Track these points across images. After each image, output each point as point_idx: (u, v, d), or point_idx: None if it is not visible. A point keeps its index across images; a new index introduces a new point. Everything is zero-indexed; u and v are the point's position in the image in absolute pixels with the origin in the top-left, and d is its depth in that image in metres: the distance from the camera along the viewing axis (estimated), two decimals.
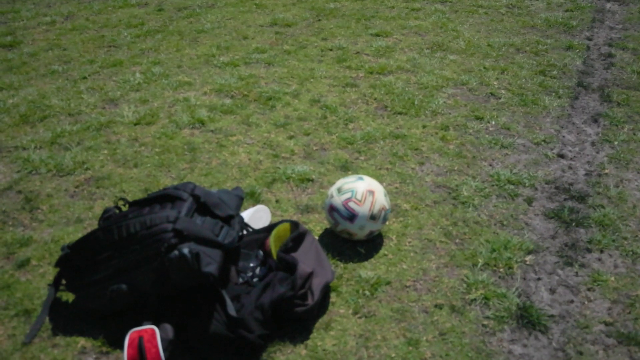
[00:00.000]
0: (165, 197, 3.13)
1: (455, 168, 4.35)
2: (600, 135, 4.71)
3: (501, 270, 3.46)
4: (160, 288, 2.94)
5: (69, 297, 3.24)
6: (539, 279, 3.41)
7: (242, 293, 3.00)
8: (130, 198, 3.92)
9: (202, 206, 3.12)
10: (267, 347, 2.93)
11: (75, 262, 3.07)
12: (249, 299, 2.96)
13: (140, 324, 2.88)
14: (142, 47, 6.44)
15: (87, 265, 3.04)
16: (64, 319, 3.13)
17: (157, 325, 2.86)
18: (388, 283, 3.34)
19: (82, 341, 3.00)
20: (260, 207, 3.82)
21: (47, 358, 2.91)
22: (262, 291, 2.98)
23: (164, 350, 2.78)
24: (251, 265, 3.21)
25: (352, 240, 3.63)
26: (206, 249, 2.85)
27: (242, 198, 3.48)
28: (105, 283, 2.96)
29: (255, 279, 3.14)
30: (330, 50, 6.27)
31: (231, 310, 2.84)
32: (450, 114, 5.05)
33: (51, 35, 6.78)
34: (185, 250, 2.77)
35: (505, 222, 3.84)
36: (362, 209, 3.47)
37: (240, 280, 3.13)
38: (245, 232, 3.41)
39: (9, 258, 3.59)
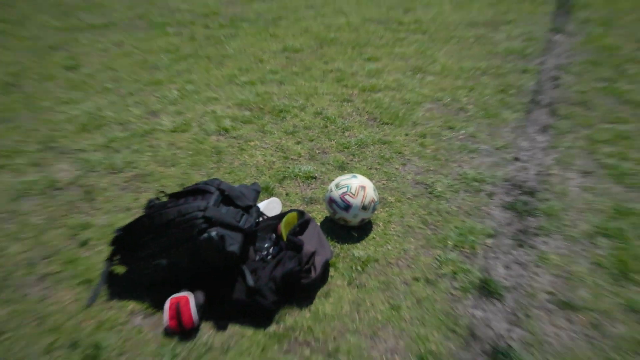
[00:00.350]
0: (197, 191, 3.22)
1: (431, 168, 4.39)
2: (548, 142, 4.74)
3: (467, 250, 3.51)
4: (193, 263, 3.02)
5: (121, 269, 3.29)
6: (496, 257, 3.45)
7: (259, 268, 3.08)
8: (168, 191, 3.96)
9: (226, 198, 3.21)
10: (279, 311, 2.99)
11: (126, 242, 3.16)
12: (264, 272, 3.04)
13: (177, 292, 2.94)
14: (177, 68, 6.44)
15: (135, 244, 3.12)
16: (117, 287, 3.19)
17: (191, 293, 2.93)
18: (376, 260, 3.40)
19: (132, 304, 3.06)
20: (273, 199, 3.87)
21: (104, 318, 2.97)
22: (275, 266, 3.06)
23: (196, 312, 2.85)
24: (266, 245, 3.26)
25: (347, 226, 3.68)
26: (229, 232, 2.95)
27: (259, 192, 3.57)
28: (150, 259, 3.05)
29: (269, 257, 3.19)
30: (331, 71, 6.28)
31: (250, 281, 2.92)
32: (427, 124, 5.07)
33: (105, 59, 6.78)
34: (213, 233, 2.88)
35: (470, 212, 3.89)
36: (356, 201, 3.52)
37: (257, 257, 3.19)
38: (261, 219, 3.46)
39: (73, 238, 3.64)
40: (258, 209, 3.46)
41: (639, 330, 2.88)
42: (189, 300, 2.89)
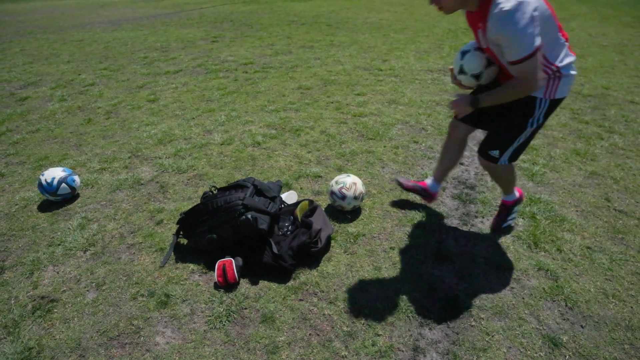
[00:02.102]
0: (237, 186, 3.29)
1: (402, 170, 4.32)
2: None
3: (427, 227, 3.45)
4: (235, 237, 3.04)
5: (184, 241, 3.26)
6: (448, 233, 3.39)
7: (281, 240, 3.08)
8: (218, 186, 3.92)
9: (258, 191, 3.28)
10: (295, 271, 2.95)
11: (187, 221, 3.17)
12: (285, 243, 3.04)
13: (223, 257, 2.95)
14: (225, 100, 6.41)
15: (194, 223, 3.14)
16: (181, 254, 3.17)
17: (233, 258, 2.92)
18: (363, 235, 3.34)
19: (191, 266, 3.04)
20: (291, 192, 3.82)
21: (173, 274, 2.98)
22: (292, 239, 3.06)
23: (237, 272, 2.84)
24: (286, 224, 3.22)
25: (343, 211, 3.61)
26: (260, 215, 3.03)
27: (281, 186, 3.61)
28: (204, 234, 3.07)
29: (288, 232, 3.15)
30: (332, 102, 6.23)
31: (275, 249, 2.95)
32: (399, 139, 5.01)
33: (175, 95, 6.75)
34: (249, 216, 2.97)
35: None
36: (350, 193, 3.46)
37: (280, 232, 3.15)
38: (282, 205, 3.43)
39: (152, 219, 3.60)
40: (281, 198, 3.50)
41: (546, 283, 2.88)
42: (232, 262, 2.89)
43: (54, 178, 3.72)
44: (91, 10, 19.69)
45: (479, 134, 4.85)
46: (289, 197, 3.73)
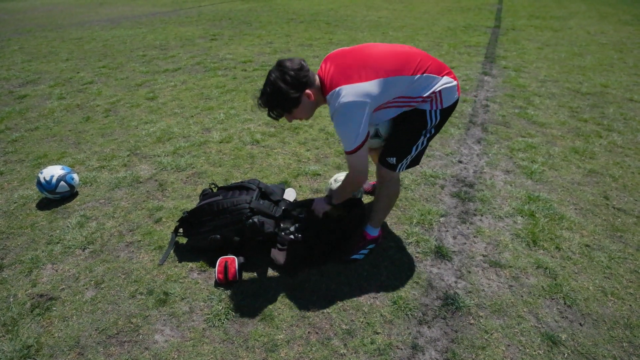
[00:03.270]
0: (243, 187, 3.31)
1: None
2: (481, 150, 4.68)
3: (426, 226, 3.44)
4: (239, 239, 3.05)
5: (183, 240, 3.26)
6: (447, 230, 3.39)
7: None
8: (218, 184, 3.92)
9: (264, 194, 3.29)
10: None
11: (190, 220, 3.17)
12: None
13: (225, 254, 2.98)
14: (224, 99, 6.40)
15: (197, 223, 3.14)
16: (180, 252, 3.16)
17: (236, 256, 2.90)
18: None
19: (190, 264, 3.04)
20: (290, 189, 3.81)
21: (171, 272, 2.97)
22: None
23: (239, 270, 2.85)
24: (290, 228, 3.23)
25: None
26: (266, 219, 3.05)
27: (284, 189, 3.65)
28: (207, 234, 3.08)
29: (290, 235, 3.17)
30: None
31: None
32: None
33: (174, 92, 6.75)
34: (255, 219, 2.97)
35: (428, 199, 3.82)
36: None
37: (283, 234, 3.15)
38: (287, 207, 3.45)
39: (150, 217, 3.59)
40: (286, 201, 3.44)
41: (545, 281, 2.88)
42: (235, 260, 2.89)
43: (52, 176, 3.72)
44: (90, 8, 19.65)
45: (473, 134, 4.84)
46: (287, 195, 3.72)
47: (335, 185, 3.53)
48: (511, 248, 3.20)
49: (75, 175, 3.88)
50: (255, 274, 2.96)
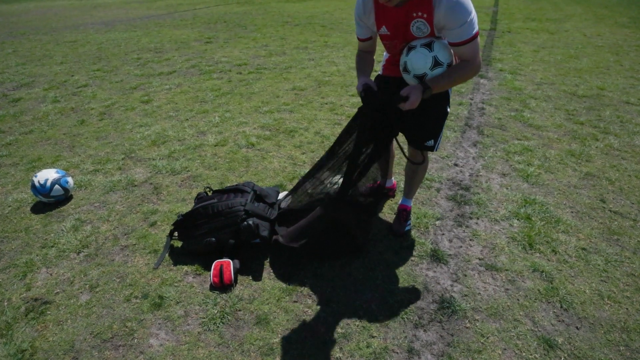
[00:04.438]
0: (237, 190, 3.34)
1: (397, 171, 4.32)
2: (477, 153, 4.70)
3: (422, 229, 3.45)
4: (234, 242, 3.07)
5: (178, 243, 3.25)
6: (442, 234, 3.40)
7: None
8: (213, 187, 3.93)
9: (258, 196, 3.33)
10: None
11: (185, 223, 3.18)
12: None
13: (220, 258, 2.99)
14: (219, 102, 6.41)
15: (192, 226, 3.16)
16: (175, 255, 3.16)
17: (231, 259, 2.92)
18: None
19: (185, 267, 3.04)
20: (285, 193, 3.81)
21: (166, 276, 2.97)
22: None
23: (234, 274, 2.86)
24: None
25: None
26: (261, 221, 3.10)
27: (279, 192, 3.65)
28: (202, 237, 3.09)
29: None
30: (326, 103, 6.24)
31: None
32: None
33: (169, 96, 6.75)
34: (251, 222, 3.03)
35: (424, 202, 3.83)
36: None
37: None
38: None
39: (145, 221, 3.59)
40: (279, 202, 3.48)
41: (541, 284, 2.88)
42: (230, 264, 2.90)
43: (47, 179, 3.71)
44: (84, 11, 19.64)
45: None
46: (282, 198, 3.72)
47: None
48: (507, 251, 3.20)
49: (69, 179, 3.88)
50: (250, 278, 2.96)
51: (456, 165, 4.49)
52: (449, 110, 3.02)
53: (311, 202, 3.22)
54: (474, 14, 2.40)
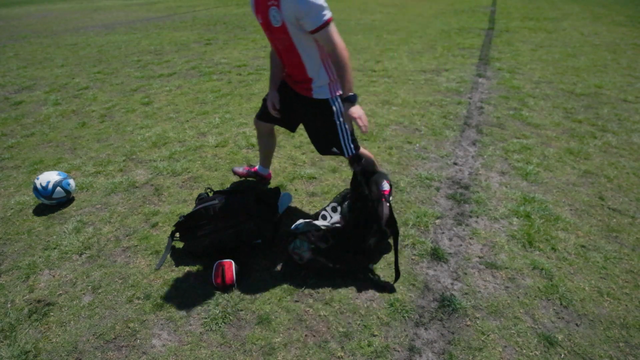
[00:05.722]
0: (238, 191, 3.41)
1: (396, 170, 4.33)
2: (476, 152, 4.70)
3: (422, 228, 3.45)
4: (236, 243, 3.09)
5: (179, 244, 3.26)
6: (442, 232, 3.40)
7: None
8: (214, 188, 3.94)
9: (259, 197, 3.30)
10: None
11: (187, 224, 3.16)
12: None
13: (222, 259, 2.97)
14: (219, 103, 6.42)
15: (194, 227, 3.14)
16: (177, 256, 3.17)
17: (233, 260, 2.93)
18: None
19: (187, 268, 3.04)
20: (285, 193, 3.81)
21: (168, 277, 2.98)
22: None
23: (236, 274, 2.88)
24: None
25: None
26: (263, 222, 3.10)
27: (279, 193, 3.58)
28: (204, 238, 3.11)
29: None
30: None
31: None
32: (393, 140, 5.03)
33: (169, 97, 6.76)
34: (252, 223, 3.03)
35: (424, 201, 3.83)
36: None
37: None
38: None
39: (147, 222, 3.60)
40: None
41: (541, 282, 2.88)
42: (232, 264, 2.90)
43: (49, 182, 3.72)
44: (85, 14, 19.65)
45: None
46: (282, 199, 3.72)
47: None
48: (507, 249, 3.20)
49: (71, 181, 3.88)
50: (252, 278, 2.96)
51: (455, 164, 4.49)
52: (337, 120, 3.07)
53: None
54: (321, 2, 2.56)
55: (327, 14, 2.60)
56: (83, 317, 2.68)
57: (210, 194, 3.40)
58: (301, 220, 3.12)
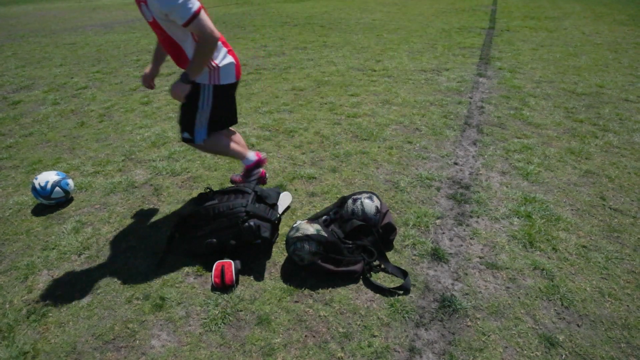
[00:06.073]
0: (238, 191, 3.32)
1: (397, 170, 4.33)
2: (477, 152, 4.70)
3: (422, 228, 3.45)
4: (236, 243, 3.07)
5: (179, 244, 3.26)
6: (443, 233, 3.39)
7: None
8: (213, 188, 3.93)
9: (259, 197, 3.29)
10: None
11: (187, 224, 3.18)
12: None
13: (221, 259, 3.01)
14: None
15: (193, 227, 3.16)
16: (176, 256, 3.17)
17: (232, 260, 2.92)
18: None
19: (186, 268, 3.04)
20: (285, 193, 3.81)
21: (167, 277, 2.97)
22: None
23: (235, 274, 2.87)
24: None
25: None
26: (263, 222, 3.08)
27: (279, 193, 3.58)
28: (203, 238, 3.09)
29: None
30: (325, 103, 6.25)
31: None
32: (393, 139, 5.02)
33: (168, 97, 6.77)
34: (252, 223, 3.02)
35: (424, 201, 3.83)
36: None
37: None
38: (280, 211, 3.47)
39: (146, 222, 3.60)
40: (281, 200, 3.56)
41: (542, 282, 2.88)
42: (232, 264, 2.90)
43: (47, 182, 3.71)
44: (83, 13, 19.64)
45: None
46: (283, 199, 3.72)
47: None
48: (508, 249, 3.20)
49: (70, 181, 3.88)
50: (251, 278, 2.95)
51: (456, 164, 4.49)
52: (202, 108, 3.29)
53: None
54: None
55: (194, 6, 2.72)
56: (82, 317, 2.67)
57: (211, 194, 3.40)
58: (301, 221, 3.12)
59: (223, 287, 2.84)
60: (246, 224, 2.99)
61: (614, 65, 8.35)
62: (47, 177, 3.75)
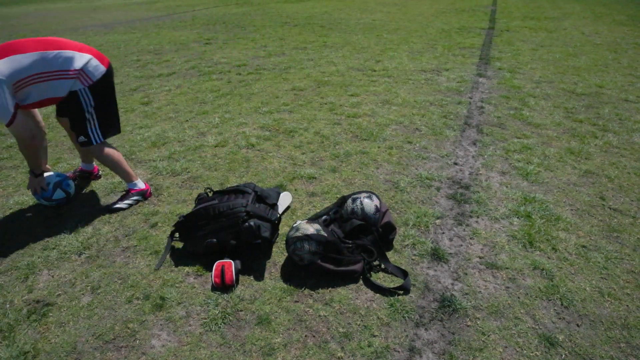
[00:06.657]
0: (238, 191, 3.33)
1: (396, 170, 4.33)
2: (477, 152, 4.70)
3: (422, 228, 3.45)
4: (236, 242, 3.07)
5: (179, 244, 3.26)
6: (443, 232, 3.40)
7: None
8: (213, 188, 3.93)
9: (259, 197, 3.30)
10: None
11: (187, 224, 3.18)
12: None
13: (222, 258, 3.01)
14: (219, 102, 6.42)
15: (193, 227, 3.15)
16: (176, 256, 3.16)
17: (232, 260, 2.92)
18: None
19: (186, 268, 3.03)
20: (285, 193, 3.81)
21: (168, 277, 2.97)
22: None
23: (235, 274, 2.87)
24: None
25: None
26: (263, 222, 3.08)
27: (280, 193, 3.59)
28: (203, 238, 3.09)
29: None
30: (325, 104, 6.25)
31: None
32: (393, 139, 5.03)
33: (168, 97, 6.76)
34: (252, 223, 3.01)
35: (424, 201, 3.83)
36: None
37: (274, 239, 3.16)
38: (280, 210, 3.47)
39: (146, 222, 3.59)
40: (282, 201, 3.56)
41: (541, 282, 2.88)
42: (232, 264, 2.90)
43: (49, 183, 3.71)
44: (84, 13, 19.65)
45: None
46: (283, 199, 3.71)
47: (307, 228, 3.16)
48: (507, 249, 3.20)
49: (71, 182, 3.88)
50: (252, 278, 2.95)
51: (456, 164, 4.49)
52: (88, 111, 3.46)
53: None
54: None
55: (9, 113, 3.01)
56: (82, 317, 2.67)
57: (210, 194, 3.41)
58: (301, 221, 3.12)
59: (223, 287, 2.84)
60: (246, 224, 2.99)
61: (613, 65, 8.35)
62: (49, 179, 3.74)
